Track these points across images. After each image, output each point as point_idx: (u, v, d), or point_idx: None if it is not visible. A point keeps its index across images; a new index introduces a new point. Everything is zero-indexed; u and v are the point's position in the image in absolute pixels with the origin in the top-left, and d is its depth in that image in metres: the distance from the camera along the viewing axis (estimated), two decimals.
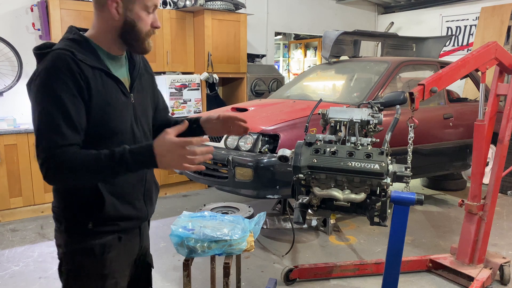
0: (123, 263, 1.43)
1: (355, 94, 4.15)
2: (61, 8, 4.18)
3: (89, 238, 1.34)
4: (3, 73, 4.25)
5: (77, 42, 1.30)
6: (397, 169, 1.87)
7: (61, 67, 1.21)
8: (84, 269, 1.35)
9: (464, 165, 4.56)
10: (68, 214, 1.35)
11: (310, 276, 2.94)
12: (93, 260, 1.35)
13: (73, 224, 1.34)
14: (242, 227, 2.08)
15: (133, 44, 1.35)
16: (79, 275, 1.36)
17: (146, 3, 1.31)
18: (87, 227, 1.33)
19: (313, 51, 8.50)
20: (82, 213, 1.33)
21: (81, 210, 1.33)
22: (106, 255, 1.36)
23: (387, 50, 5.16)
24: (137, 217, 1.43)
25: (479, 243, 2.85)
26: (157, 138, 1.22)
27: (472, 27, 6.68)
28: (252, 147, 3.27)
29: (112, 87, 1.31)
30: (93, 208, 1.32)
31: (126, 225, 1.40)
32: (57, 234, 1.39)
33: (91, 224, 1.33)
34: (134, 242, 1.47)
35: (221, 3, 5.12)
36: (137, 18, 1.31)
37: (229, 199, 3.61)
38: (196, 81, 5.02)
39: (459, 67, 2.63)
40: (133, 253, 1.48)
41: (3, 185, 3.94)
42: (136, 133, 1.39)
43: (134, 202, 1.41)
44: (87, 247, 1.34)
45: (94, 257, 1.34)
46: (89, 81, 1.24)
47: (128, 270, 1.47)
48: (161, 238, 3.60)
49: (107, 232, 1.36)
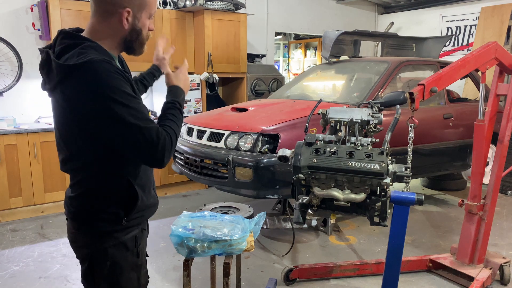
0: (145, 252, 1.53)
1: (355, 94, 4.15)
2: (61, 8, 4.18)
3: (121, 233, 1.38)
4: (3, 73, 4.26)
5: (94, 48, 1.28)
6: (397, 169, 1.87)
7: (111, 70, 1.23)
8: (121, 263, 1.39)
9: (464, 165, 4.56)
10: (101, 213, 1.35)
11: (310, 276, 2.94)
12: (128, 253, 1.40)
13: (105, 223, 1.35)
14: (242, 227, 2.08)
15: (135, 48, 1.41)
16: (118, 270, 1.39)
17: (150, 12, 1.38)
18: (121, 223, 1.36)
19: (313, 51, 8.50)
20: (118, 210, 1.36)
21: (117, 208, 1.36)
22: (138, 246, 1.43)
23: (387, 50, 5.16)
24: (154, 204, 1.51)
25: (479, 243, 2.85)
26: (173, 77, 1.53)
27: (472, 27, 6.68)
28: (252, 147, 3.27)
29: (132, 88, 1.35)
30: (128, 204, 1.36)
31: (148, 214, 1.48)
32: (80, 236, 1.39)
33: (125, 220, 1.36)
34: (146, 232, 1.55)
35: (221, 3, 5.12)
36: (143, 26, 1.38)
37: (229, 199, 3.61)
38: (196, 81, 5.02)
39: (459, 67, 2.63)
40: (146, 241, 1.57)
41: (3, 185, 3.95)
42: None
43: (152, 191, 1.49)
44: (121, 242, 1.38)
45: (128, 250, 1.40)
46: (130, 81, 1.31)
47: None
48: (161, 238, 3.60)
49: (135, 225, 1.42)
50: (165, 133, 1.30)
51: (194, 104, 5.05)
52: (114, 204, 1.35)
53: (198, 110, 5.07)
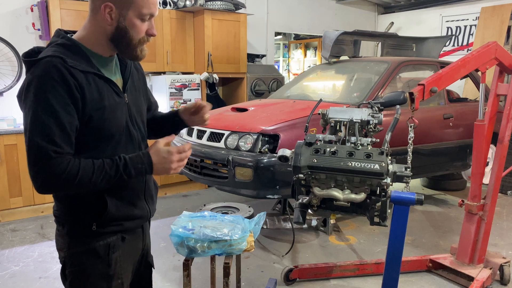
0: (127, 263, 1.44)
1: (355, 94, 4.15)
2: (61, 8, 4.18)
3: (93, 240, 1.34)
4: (3, 73, 4.26)
5: (66, 47, 1.27)
6: (397, 169, 1.87)
7: (54, 76, 1.18)
8: (89, 271, 1.35)
9: (464, 165, 4.56)
10: (71, 217, 1.34)
11: (310, 276, 2.94)
12: (98, 261, 1.35)
13: (76, 227, 1.34)
14: (242, 227, 2.08)
15: (123, 50, 1.33)
16: (84, 277, 1.36)
17: (141, 11, 1.28)
18: (90, 229, 1.33)
19: (313, 51, 8.50)
20: (86, 215, 1.33)
21: (85, 213, 1.33)
22: (111, 255, 1.36)
23: (387, 50, 5.16)
24: (140, 216, 1.45)
25: (479, 243, 2.85)
26: (151, 147, 1.33)
27: (472, 27, 6.68)
28: (252, 147, 3.27)
29: (106, 89, 1.30)
30: (96, 210, 1.32)
31: (130, 224, 1.41)
32: (59, 238, 1.39)
33: (95, 225, 1.33)
34: (137, 241, 1.48)
35: (221, 3, 5.12)
36: (130, 25, 1.28)
37: (229, 199, 3.61)
38: (196, 81, 5.02)
39: (459, 67, 2.63)
40: (136, 253, 1.49)
41: (3, 185, 3.95)
42: (132, 133, 1.40)
43: (135, 202, 1.42)
44: (91, 249, 1.34)
45: (98, 258, 1.35)
46: (83, 88, 1.23)
47: (131, 270, 1.48)
48: (161, 238, 3.60)
49: (111, 233, 1.36)
50: (60, 168, 1.18)
51: None
52: (84, 209, 1.33)
53: None
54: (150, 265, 1.62)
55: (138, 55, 1.34)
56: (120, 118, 1.34)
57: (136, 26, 1.29)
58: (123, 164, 1.27)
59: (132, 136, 1.39)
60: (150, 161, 1.31)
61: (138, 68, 1.53)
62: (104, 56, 1.34)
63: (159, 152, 1.32)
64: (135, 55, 1.34)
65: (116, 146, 1.34)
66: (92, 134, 1.28)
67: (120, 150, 1.34)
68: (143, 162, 1.30)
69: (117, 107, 1.33)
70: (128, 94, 1.40)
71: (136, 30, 1.30)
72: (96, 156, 1.27)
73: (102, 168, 1.24)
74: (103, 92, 1.29)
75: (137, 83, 1.48)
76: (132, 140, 1.40)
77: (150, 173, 1.34)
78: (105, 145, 1.31)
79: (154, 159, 1.31)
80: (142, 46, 1.34)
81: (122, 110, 1.35)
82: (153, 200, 1.53)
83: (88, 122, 1.26)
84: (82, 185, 1.23)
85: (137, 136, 1.42)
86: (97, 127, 1.28)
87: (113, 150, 1.32)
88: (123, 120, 1.36)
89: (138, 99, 1.46)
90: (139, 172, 1.30)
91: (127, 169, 1.27)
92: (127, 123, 1.37)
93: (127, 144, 1.37)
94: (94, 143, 1.29)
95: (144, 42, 1.34)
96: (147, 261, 1.59)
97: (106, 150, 1.31)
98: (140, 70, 1.54)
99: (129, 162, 1.28)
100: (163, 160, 1.32)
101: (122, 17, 1.27)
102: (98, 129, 1.28)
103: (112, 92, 1.32)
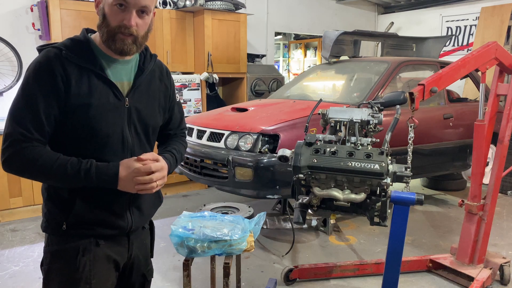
0: (101, 270, 1.36)
1: (355, 94, 4.15)
2: (61, 8, 4.18)
3: (64, 240, 1.34)
4: (3, 73, 4.26)
5: (76, 41, 1.31)
6: (397, 169, 1.87)
7: (42, 64, 1.24)
8: (56, 271, 1.35)
9: (464, 165, 4.56)
10: (47, 211, 1.36)
11: (310, 276, 2.94)
12: (65, 263, 1.33)
13: (49, 223, 1.35)
14: (242, 227, 2.08)
15: (104, 39, 1.29)
16: (51, 277, 1.36)
17: None
18: (61, 228, 1.32)
19: (313, 51, 8.50)
20: (56, 211, 1.33)
21: (56, 208, 1.33)
22: (80, 258, 1.32)
23: (387, 50, 5.16)
24: (118, 225, 1.37)
25: (479, 243, 2.85)
26: (125, 161, 1.28)
27: (472, 27, 6.68)
28: (252, 147, 3.27)
29: (101, 88, 1.29)
30: (66, 210, 1.32)
31: (104, 231, 1.35)
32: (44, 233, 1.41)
33: (65, 225, 1.32)
34: (119, 249, 1.41)
35: (221, 3, 5.12)
36: (107, 12, 1.26)
37: (229, 199, 3.61)
38: (196, 81, 5.02)
39: (459, 67, 2.63)
40: (116, 261, 1.41)
41: (3, 185, 3.94)
42: (126, 138, 1.35)
43: (114, 209, 1.36)
44: (60, 249, 1.34)
45: (66, 260, 1.33)
46: (70, 80, 1.24)
47: (110, 278, 1.41)
48: (161, 238, 3.60)
49: (82, 236, 1.33)
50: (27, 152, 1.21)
51: (194, 104, 5.05)
52: (56, 205, 1.33)
53: (198, 110, 5.07)
54: (144, 276, 1.55)
55: (118, 46, 1.28)
56: (113, 120, 1.31)
57: (112, 12, 1.26)
58: (86, 169, 1.23)
59: (124, 141, 1.35)
60: (115, 173, 1.25)
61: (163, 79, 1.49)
62: (112, 57, 1.34)
63: (129, 168, 1.26)
64: (116, 47, 1.28)
65: (103, 148, 1.30)
66: (76, 130, 1.27)
67: (107, 154, 1.31)
68: (108, 173, 1.25)
69: (111, 108, 1.31)
70: (132, 99, 1.36)
71: (112, 17, 1.26)
72: (79, 154, 1.26)
73: (63, 165, 1.23)
74: (94, 90, 1.28)
75: (154, 92, 1.44)
76: (124, 146, 1.35)
77: (114, 187, 1.27)
78: (89, 144, 1.29)
79: (122, 174, 1.25)
80: (124, 37, 1.27)
81: (117, 113, 1.33)
82: (142, 212, 1.44)
83: (72, 117, 1.26)
84: (41, 174, 1.25)
85: (131, 143, 1.36)
86: (82, 123, 1.27)
87: (99, 152, 1.30)
88: (116, 123, 1.33)
89: (147, 107, 1.41)
90: (101, 181, 1.25)
91: (89, 175, 1.23)
92: (123, 127, 1.34)
93: (116, 148, 1.33)
94: (77, 140, 1.29)
95: (124, 34, 1.27)
96: (140, 272, 1.52)
97: (90, 150, 1.29)
98: (166, 82, 1.50)
99: (93, 168, 1.24)
100: (130, 176, 1.25)
101: (103, 5, 1.29)
102: (82, 126, 1.27)
103: (109, 92, 1.31)
